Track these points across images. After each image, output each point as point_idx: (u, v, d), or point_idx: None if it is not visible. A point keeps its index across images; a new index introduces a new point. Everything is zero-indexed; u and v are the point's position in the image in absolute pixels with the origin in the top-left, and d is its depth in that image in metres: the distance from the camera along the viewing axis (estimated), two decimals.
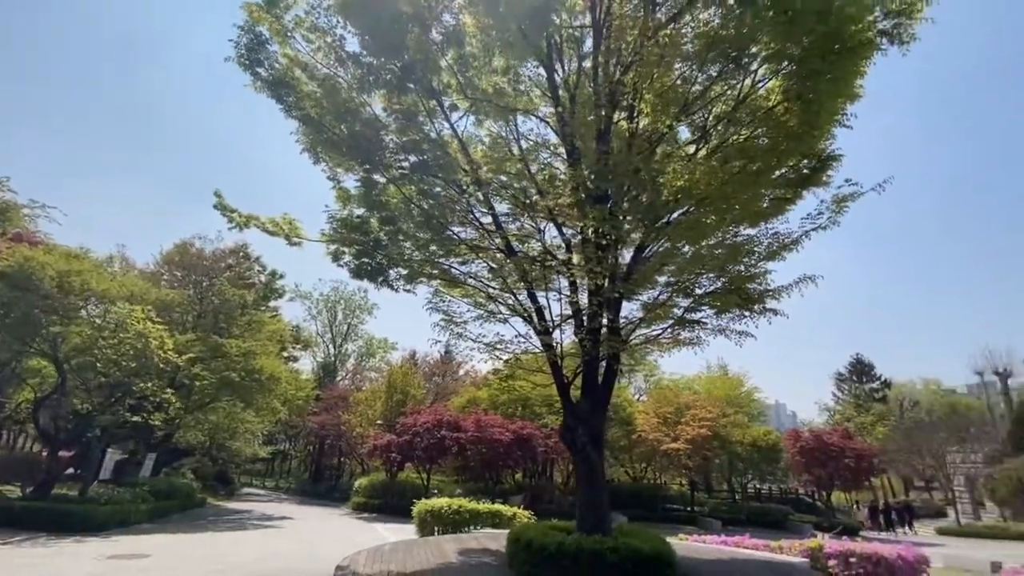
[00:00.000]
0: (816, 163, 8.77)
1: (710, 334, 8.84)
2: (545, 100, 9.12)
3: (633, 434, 26.90)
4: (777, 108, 7.72)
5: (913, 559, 10.54)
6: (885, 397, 52.22)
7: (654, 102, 7.19)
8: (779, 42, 6.77)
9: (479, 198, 8.31)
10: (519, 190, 7.99)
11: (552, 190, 7.98)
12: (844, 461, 25.94)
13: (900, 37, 7.05)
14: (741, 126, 8.00)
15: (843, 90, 7.32)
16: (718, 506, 27.90)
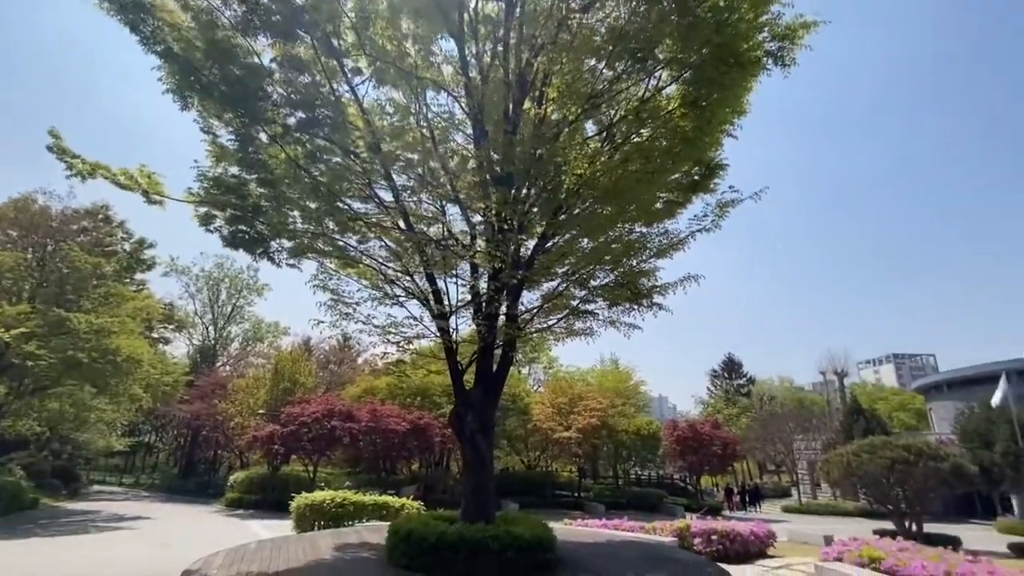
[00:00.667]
0: (705, 170, 9.38)
1: (602, 325, 9.14)
2: (456, 79, 8.79)
3: (529, 423, 27.51)
4: (675, 112, 8.11)
5: (763, 535, 11.82)
6: (749, 392, 58.92)
7: (562, 89, 7.16)
8: (680, 47, 7.05)
9: (379, 170, 7.76)
10: (421, 162, 7.57)
11: (457, 168, 7.68)
12: (713, 448, 28.70)
13: (783, 60, 7.67)
14: (642, 126, 8.28)
15: (733, 102, 7.84)
16: (603, 491, 29.51)
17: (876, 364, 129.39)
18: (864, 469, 18.25)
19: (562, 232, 8.85)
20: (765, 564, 10.68)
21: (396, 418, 24.85)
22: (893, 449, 17.98)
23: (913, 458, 17.52)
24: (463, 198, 7.49)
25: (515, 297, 8.52)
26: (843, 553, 8.86)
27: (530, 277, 8.69)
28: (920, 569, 7.56)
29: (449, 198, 7.63)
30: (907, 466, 17.46)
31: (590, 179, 8.14)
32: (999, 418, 23.60)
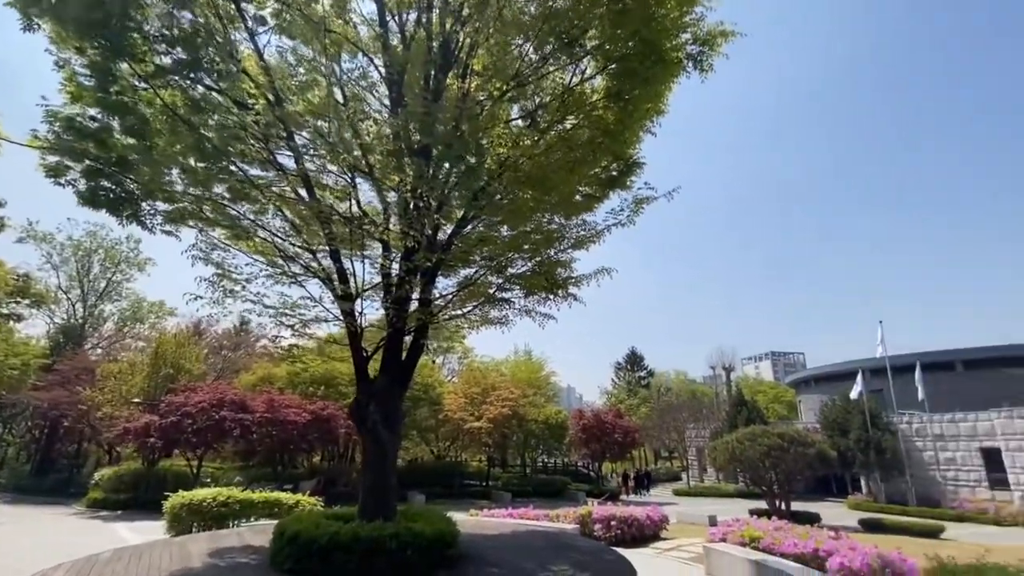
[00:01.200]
0: (624, 167, 9.52)
1: (517, 314, 8.98)
2: (374, 42, 8.11)
3: (440, 414, 27.09)
4: (598, 103, 8.11)
5: (658, 519, 12.45)
6: (649, 384, 62.87)
7: (487, 64, 6.82)
8: (608, 36, 6.99)
9: (281, 132, 6.92)
10: (329, 126, 6.85)
11: (370, 135, 7.05)
12: (615, 436, 30.14)
13: (702, 64, 7.91)
14: (567, 114, 8.18)
15: (653, 99, 7.96)
16: (510, 480, 29.92)
17: (757, 360, 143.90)
18: (745, 455, 20.08)
19: (482, 217, 8.57)
20: (659, 546, 11.26)
21: (296, 408, 23.27)
22: (770, 437, 19.94)
23: (786, 445, 19.54)
24: (376, 170, 6.89)
25: (429, 281, 8.08)
26: (727, 534, 9.53)
27: (446, 261, 8.31)
28: (792, 547, 8.28)
29: (360, 169, 6.99)
30: (781, 452, 19.44)
31: (512, 164, 7.94)
32: (854, 409, 27.08)
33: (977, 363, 29.99)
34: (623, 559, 6.57)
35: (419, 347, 7.88)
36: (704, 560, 8.83)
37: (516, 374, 38.79)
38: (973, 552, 11.23)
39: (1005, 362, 26.93)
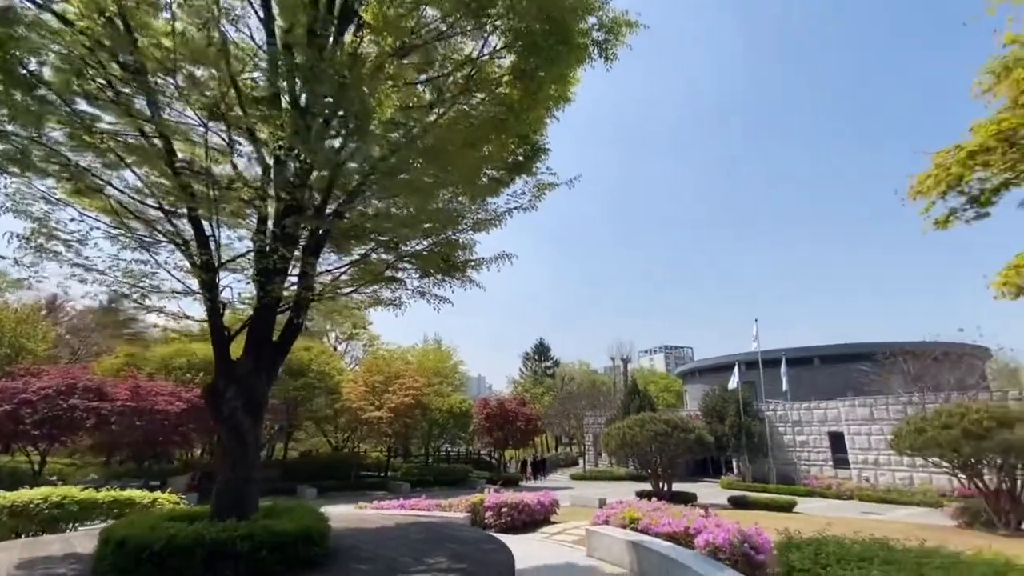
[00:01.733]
0: (529, 151, 9.37)
1: (411, 296, 8.51)
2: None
3: (337, 403, 25.72)
4: (504, 79, 7.85)
5: (548, 503, 12.66)
6: (555, 374, 65.04)
7: (379, 17, 6.22)
8: (513, 7, 6.71)
9: (126, 63, 5.82)
10: (182, 59, 5.87)
11: (246, 86, 6.17)
12: (517, 424, 30.65)
13: (607, 53, 7.92)
14: (470, 85, 7.81)
15: (560, 82, 7.84)
16: (410, 470, 29.30)
17: (652, 353, 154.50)
18: (634, 440, 21.26)
19: (376, 190, 7.98)
20: (547, 531, 11.45)
21: (169, 396, 20.83)
22: (656, 423, 21.27)
23: (670, 430, 20.95)
24: (248, 118, 6.02)
25: (312, 254, 7.36)
26: (610, 516, 9.87)
27: (334, 235, 7.61)
28: (667, 526, 8.73)
29: (229, 121, 6.10)
30: (665, 437, 20.81)
31: (411, 135, 7.45)
32: (730, 398, 29.86)
33: (830, 359, 34.43)
34: (503, 548, 6.46)
35: (296, 327, 7.13)
36: (586, 542, 9.07)
37: (423, 363, 38.00)
38: (817, 524, 12.72)
39: (851, 358, 31.16)
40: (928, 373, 22.27)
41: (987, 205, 5.09)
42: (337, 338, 47.63)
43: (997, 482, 12.89)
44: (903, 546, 4.96)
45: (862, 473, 24.38)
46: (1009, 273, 5.68)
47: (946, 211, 5.30)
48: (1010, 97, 5.51)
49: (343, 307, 8.47)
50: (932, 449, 13.17)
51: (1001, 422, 12.46)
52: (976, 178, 4.99)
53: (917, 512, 17.76)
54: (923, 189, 5.44)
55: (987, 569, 4.05)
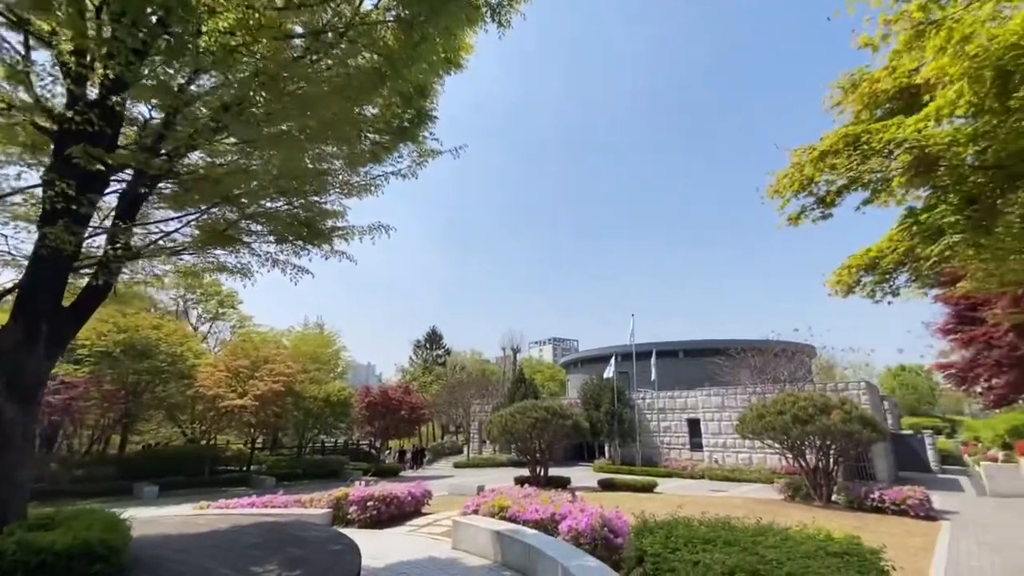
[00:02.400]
0: (415, 116, 8.67)
1: (264, 264, 7.37)
2: None
3: (190, 389, 22.64)
4: (384, 24, 7.05)
5: (420, 494, 12.10)
6: (446, 363, 64.44)
7: None
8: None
9: None
10: None
11: None
12: (401, 413, 29.60)
13: (500, 18, 7.46)
14: (349, 30, 6.89)
15: (446, 40, 7.22)
16: (278, 463, 26.95)
17: (542, 344, 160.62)
18: (516, 427, 21.53)
19: (229, 133, 6.74)
20: (416, 523, 10.91)
21: None
22: (537, 411, 21.72)
23: (550, 417, 21.51)
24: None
25: (131, 203, 5.97)
26: (480, 505, 9.60)
27: (162, 180, 6.25)
28: (534, 513, 8.64)
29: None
30: (545, 424, 21.33)
31: (275, 76, 6.35)
32: (606, 387, 31.71)
33: (692, 352, 38.13)
34: (352, 548, 5.80)
35: (97, 292, 5.70)
36: (452, 534, 8.69)
37: (299, 347, 35.12)
38: (673, 504, 13.68)
39: (710, 352, 34.70)
40: (769, 367, 25.41)
41: (831, 206, 5.55)
42: (200, 318, 42.39)
43: (815, 461, 14.91)
44: (743, 524, 5.25)
45: (713, 455, 27.20)
46: (842, 272, 6.29)
47: (799, 208, 5.71)
48: (855, 111, 6.05)
49: (177, 270, 7.02)
50: (769, 432, 14.87)
51: (821, 409, 14.42)
52: (824, 180, 5.39)
53: (755, 488, 20.16)
54: (780, 188, 5.77)
55: (811, 543, 4.39)
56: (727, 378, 28.48)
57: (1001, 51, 3.43)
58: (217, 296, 39.89)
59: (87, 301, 5.68)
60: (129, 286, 7.39)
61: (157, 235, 6.66)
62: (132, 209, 6.17)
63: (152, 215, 6.92)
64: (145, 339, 21.98)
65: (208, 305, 39.68)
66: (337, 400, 28.04)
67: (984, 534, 10.53)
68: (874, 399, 23.22)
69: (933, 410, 56.16)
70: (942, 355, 21.79)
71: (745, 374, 26.99)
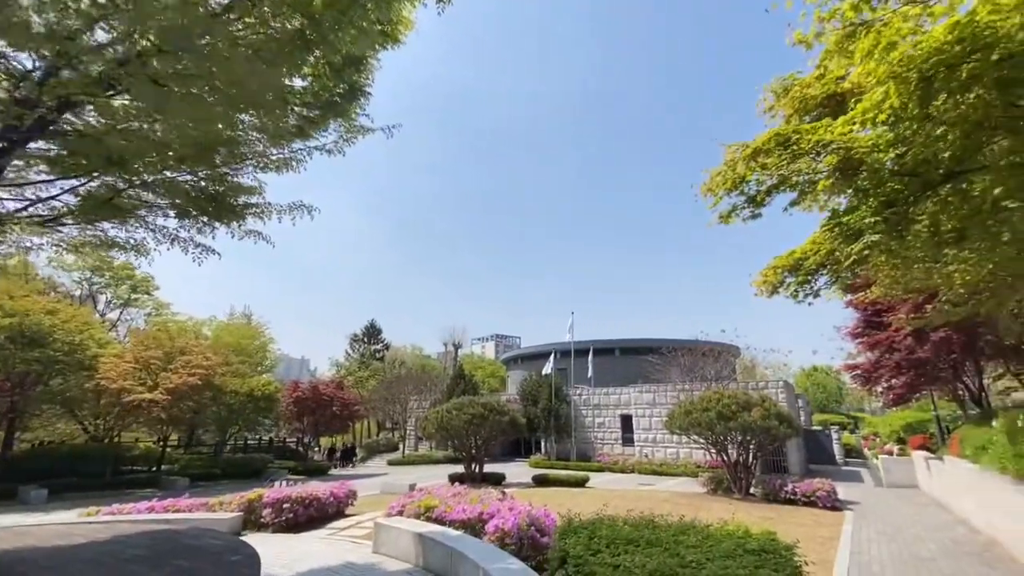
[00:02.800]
0: (347, 90, 8.08)
1: (161, 241, 6.55)
2: None
3: (90, 381, 20.44)
4: None
5: (343, 495, 11.45)
6: (384, 357, 62.65)
7: None
8: None
9: None
10: None
11: None
12: (332, 409, 28.33)
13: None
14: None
15: (380, 9, 6.72)
16: (192, 462, 25.02)
17: (484, 341, 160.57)
18: (451, 424, 21.12)
19: (128, 89, 5.90)
20: (337, 526, 10.29)
21: None
22: (474, 407, 21.42)
23: (487, 414, 21.28)
24: None
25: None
26: (405, 506, 9.16)
27: (39, 134, 5.34)
28: (461, 513, 8.32)
29: None
30: (482, 420, 21.06)
31: (187, 32, 5.59)
32: (544, 383, 31.93)
33: (628, 350, 39.21)
34: (252, 558, 5.23)
35: None
36: (373, 537, 8.21)
37: (222, 338, 32.83)
38: (602, 498, 13.82)
39: (644, 351, 35.83)
40: (697, 366, 26.51)
41: (761, 205, 5.62)
42: (109, 303, 38.62)
43: (736, 455, 15.61)
44: (666, 522, 5.22)
45: (643, 450, 28.07)
46: (767, 272, 6.44)
47: (730, 207, 5.74)
48: (786, 116, 6.17)
49: (57, 245, 6.01)
50: (696, 428, 15.39)
51: (743, 407, 15.10)
52: (755, 179, 5.44)
53: (680, 481, 20.93)
54: (713, 186, 5.78)
55: (731, 541, 4.38)
56: (659, 376, 29.46)
57: (925, 55, 3.50)
58: (130, 280, 36.50)
59: None
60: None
61: (27, 202, 5.70)
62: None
63: (23, 177, 5.93)
64: (37, 325, 19.58)
65: (119, 290, 36.21)
66: (262, 395, 26.39)
67: (882, 523, 11.37)
68: (790, 397, 24.80)
69: (840, 408, 61.22)
70: (850, 357, 23.59)
71: (676, 372, 28.04)
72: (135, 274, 36.30)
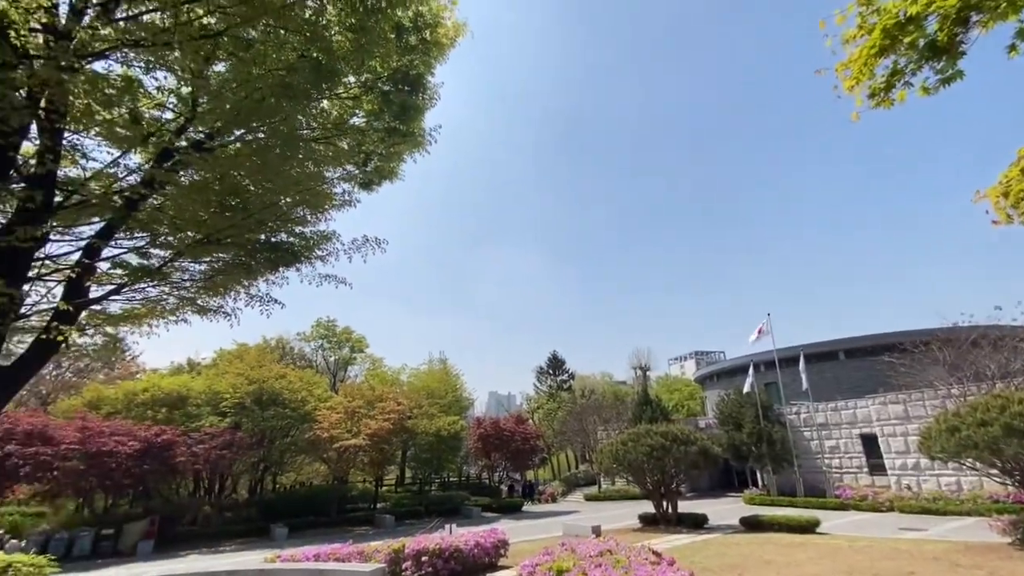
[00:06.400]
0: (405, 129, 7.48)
1: (241, 301, 6.68)
2: None
3: (308, 433, 23.98)
4: (331, 23, 6.04)
5: (491, 545, 10.46)
6: (571, 387, 62.18)
7: None
8: None
9: None
10: None
11: None
12: (515, 444, 28.33)
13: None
14: (283, 29, 6.04)
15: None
16: (400, 500, 27.28)
17: (683, 360, 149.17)
18: (628, 456, 18.81)
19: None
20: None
21: (123, 436, 19.46)
22: (653, 436, 18.76)
23: (668, 444, 18.44)
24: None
25: (102, 235, 5.61)
26: (537, 567, 7.68)
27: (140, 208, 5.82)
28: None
29: None
30: (663, 452, 18.29)
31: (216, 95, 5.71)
32: (747, 402, 26.98)
33: (855, 352, 31.09)
34: None
35: (46, 347, 5.31)
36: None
37: (418, 384, 36.13)
38: (840, 555, 10.21)
39: (878, 350, 27.89)
40: (966, 361, 19.18)
41: (946, 52, 2.89)
42: (336, 363, 46.24)
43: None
44: None
45: (901, 480, 21.23)
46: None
47: (886, 73, 3.13)
48: None
49: (134, 313, 6.61)
50: (968, 451, 10.50)
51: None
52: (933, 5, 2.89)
53: (965, 525, 14.80)
54: (857, 59, 3.30)
55: None
56: (907, 380, 22.31)
57: None
58: (348, 342, 43.28)
59: (33, 359, 5.32)
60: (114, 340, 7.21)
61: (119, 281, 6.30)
62: (100, 242, 5.80)
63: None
64: (271, 389, 23.92)
65: (341, 353, 43.14)
66: (448, 434, 27.78)
67: None
68: None
69: None
70: None
71: (933, 372, 20.81)
72: (352, 335, 42.94)
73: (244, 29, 5.53)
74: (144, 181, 5.48)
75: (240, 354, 27.41)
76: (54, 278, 5.77)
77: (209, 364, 31.78)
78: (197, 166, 5.67)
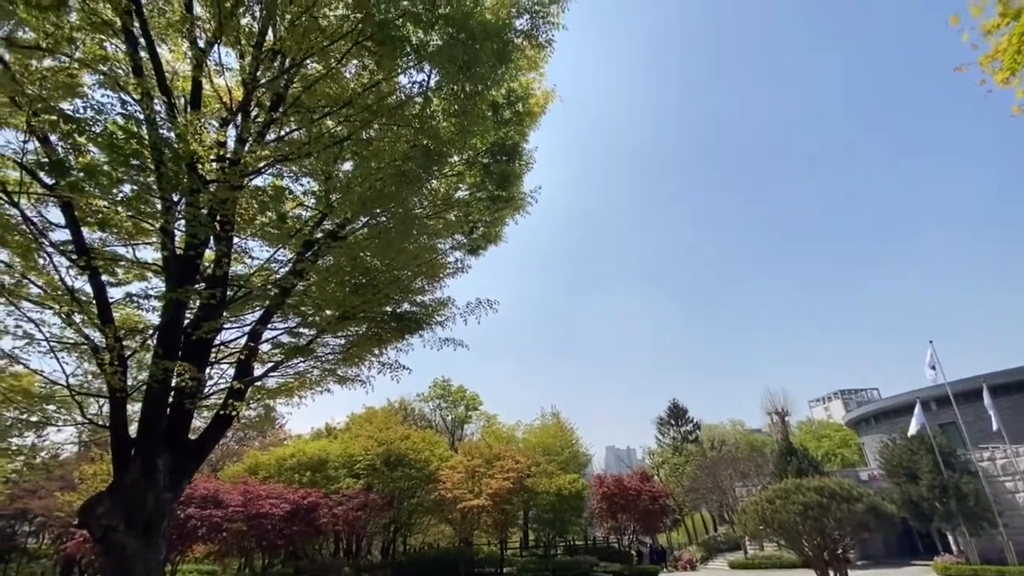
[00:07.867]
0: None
1: (374, 369, 7.27)
2: None
3: (433, 493, 24.54)
4: (436, 112, 6.75)
5: None
6: (697, 438, 57.08)
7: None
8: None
9: None
10: None
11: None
12: (641, 503, 26.42)
13: (537, 38, 6.56)
14: (395, 125, 6.85)
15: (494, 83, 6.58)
16: (526, 564, 26.39)
17: (826, 401, 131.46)
18: (777, 517, 16.56)
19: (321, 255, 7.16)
20: None
21: (275, 499, 21.49)
22: (805, 493, 16.43)
23: (826, 501, 16.01)
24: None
25: (262, 319, 6.58)
26: None
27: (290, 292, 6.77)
28: None
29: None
30: (821, 511, 15.90)
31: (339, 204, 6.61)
32: (920, 448, 22.71)
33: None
34: None
35: (225, 420, 6.19)
36: None
37: (535, 440, 35.77)
38: None
39: None
40: None
41: None
42: (453, 422, 47.53)
43: None
44: None
45: None
46: None
47: None
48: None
49: (285, 387, 7.40)
50: None
51: None
52: None
53: None
54: (1008, 47, 2.89)
55: None
56: None
57: None
58: (463, 400, 44.56)
59: (214, 431, 6.23)
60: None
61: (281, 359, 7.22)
62: (261, 330, 6.76)
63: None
64: (398, 450, 25.15)
65: (456, 412, 44.44)
66: (570, 493, 26.75)
67: None
68: None
69: None
70: None
71: None
72: (466, 394, 44.23)
73: (364, 131, 6.38)
74: (293, 271, 6.40)
75: (369, 417, 29.41)
76: (226, 361, 6.77)
77: (343, 428, 34.40)
78: (333, 253, 6.48)
